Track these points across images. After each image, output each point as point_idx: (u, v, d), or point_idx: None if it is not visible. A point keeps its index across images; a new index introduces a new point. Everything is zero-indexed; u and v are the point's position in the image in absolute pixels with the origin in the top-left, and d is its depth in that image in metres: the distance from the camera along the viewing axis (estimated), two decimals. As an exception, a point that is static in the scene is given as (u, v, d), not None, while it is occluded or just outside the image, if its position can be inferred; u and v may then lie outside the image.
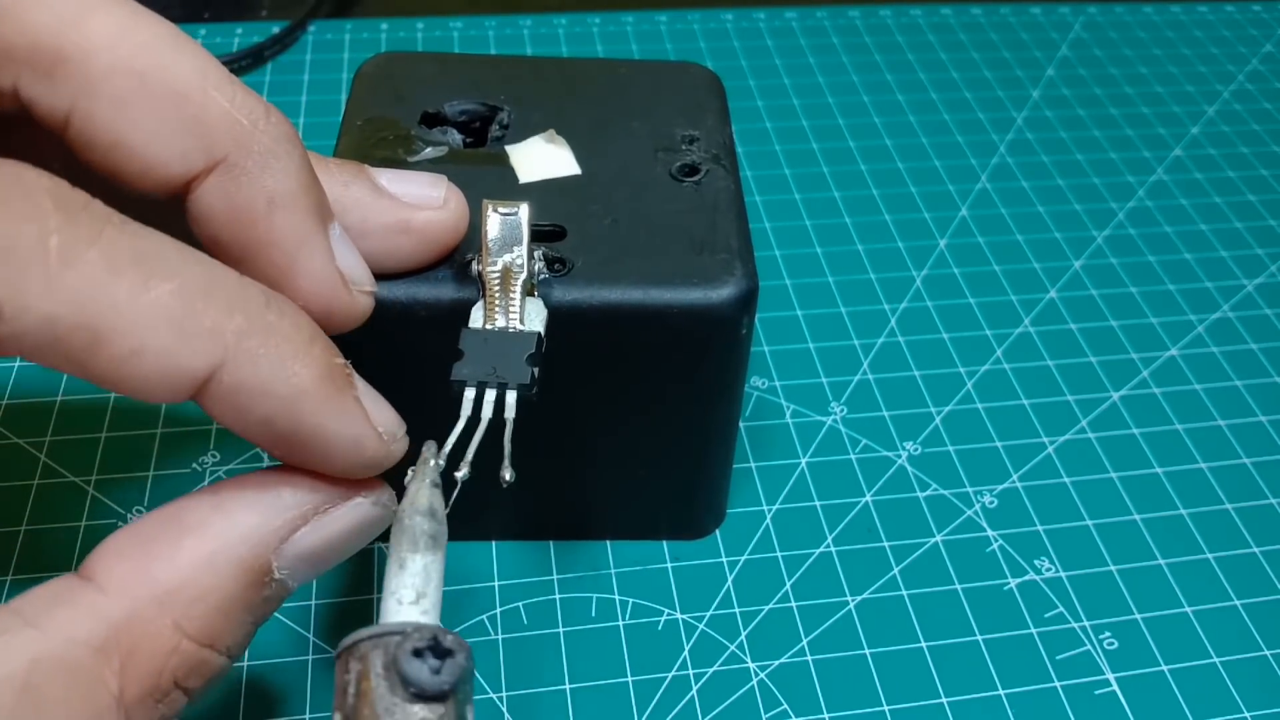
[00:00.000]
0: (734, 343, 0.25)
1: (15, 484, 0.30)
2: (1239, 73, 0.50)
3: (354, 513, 0.20)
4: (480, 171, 0.26)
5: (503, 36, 0.49)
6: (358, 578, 0.29)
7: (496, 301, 0.23)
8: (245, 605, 0.19)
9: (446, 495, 0.21)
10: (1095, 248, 0.40)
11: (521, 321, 0.23)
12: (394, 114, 0.28)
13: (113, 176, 0.19)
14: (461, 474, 0.21)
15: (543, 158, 0.27)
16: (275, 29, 0.48)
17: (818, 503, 0.31)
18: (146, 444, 0.31)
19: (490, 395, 0.22)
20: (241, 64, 0.45)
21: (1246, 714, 0.27)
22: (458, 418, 0.22)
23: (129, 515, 0.30)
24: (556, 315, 0.24)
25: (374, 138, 0.27)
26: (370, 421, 0.20)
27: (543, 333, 0.23)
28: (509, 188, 0.26)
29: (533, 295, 0.23)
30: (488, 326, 0.23)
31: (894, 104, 0.47)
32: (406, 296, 0.24)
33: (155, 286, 0.17)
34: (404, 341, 0.24)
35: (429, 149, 0.27)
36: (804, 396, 0.34)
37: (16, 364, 0.33)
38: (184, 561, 0.18)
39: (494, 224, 0.23)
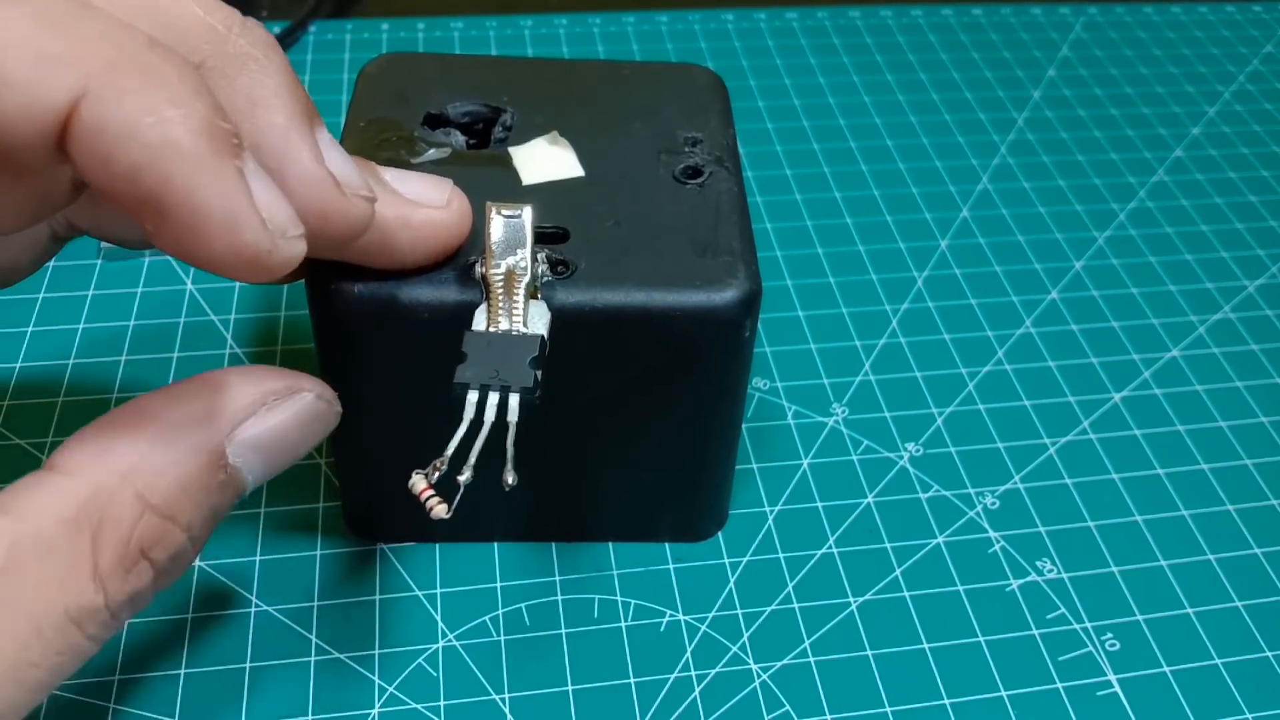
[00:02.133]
0: (737, 345, 0.25)
1: (17, 485, 0.30)
2: (1239, 73, 0.50)
3: (297, 403, 0.21)
4: (483, 173, 0.26)
5: (503, 37, 0.49)
6: (358, 579, 0.29)
7: (499, 304, 0.23)
8: (202, 485, 0.20)
9: (450, 498, 0.21)
10: (1096, 248, 0.40)
11: (525, 324, 0.23)
12: (397, 115, 0.28)
13: None
14: (464, 478, 0.21)
15: (546, 159, 0.27)
16: (276, 29, 0.47)
17: (819, 504, 0.31)
18: (148, 445, 0.31)
19: (493, 398, 0.22)
20: (242, 64, 0.45)
21: (1248, 715, 0.27)
22: (460, 420, 0.22)
23: (131, 516, 0.30)
24: (559, 318, 0.24)
25: (377, 139, 0.27)
26: (253, 202, 0.18)
27: (546, 336, 0.23)
28: (512, 189, 0.26)
29: (536, 298, 0.23)
30: (490, 329, 0.23)
31: (895, 104, 0.47)
32: (409, 299, 0.23)
33: (11, 8, 0.16)
34: (407, 344, 0.24)
35: (432, 150, 0.27)
36: (805, 397, 0.34)
37: (18, 365, 0.33)
38: (143, 441, 0.19)
39: (497, 226, 0.23)
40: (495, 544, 0.29)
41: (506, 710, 0.26)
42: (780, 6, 0.52)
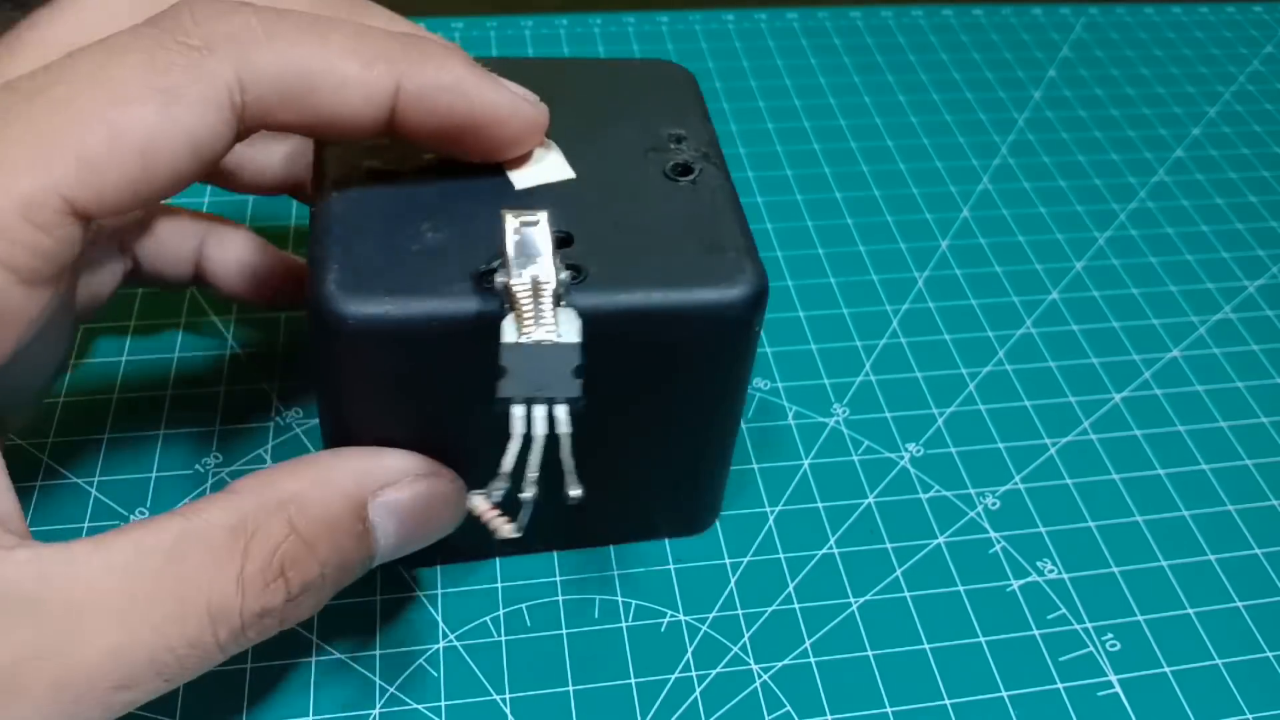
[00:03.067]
0: (746, 340, 0.25)
1: (18, 485, 0.30)
2: (1240, 73, 0.50)
3: (435, 484, 0.24)
4: (475, 181, 0.26)
5: (504, 37, 0.49)
6: (360, 581, 0.28)
7: (527, 313, 0.22)
8: (343, 528, 0.22)
9: (513, 514, 0.22)
10: (1097, 249, 0.40)
11: (559, 333, 0.22)
12: None
13: (335, 129, 0.23)
14: (528, 495, 0.22)
15: (536, 163, 0.26)
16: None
17: (820, 504, 0.31)
18: (149, 445, 0.31)
19: (539, 411, 0.22)
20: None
21: (1249, 715, 0.27)
22: (505, 435, 0.22)
23: (131, 516, 0.30)
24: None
25: (362, 146, 0.26)
26: (511, 88, 0.24)
27: (581, 342, 0.22)
28: (506, 195, 0.26)
29: (560, 304, 0.23)
30: (523, 340, 0.22)
31: (895, 105, 0.47)
32: (424, 313, 0.23)
33: (330, 35, 0.22)
34: (426, 361, 0.24)
35: (427, 155, 0.26)
36: (806, 398, 0.34)
37: (18, 365, 0.33)
38: (303, 479, 0.22)
39: (516, 234, 0.23)
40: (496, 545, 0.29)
41: (507, 711, 0.26)
42: (781, 7, 0.52)
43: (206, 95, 0.21)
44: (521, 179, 0.26)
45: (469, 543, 0.28)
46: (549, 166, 0.26)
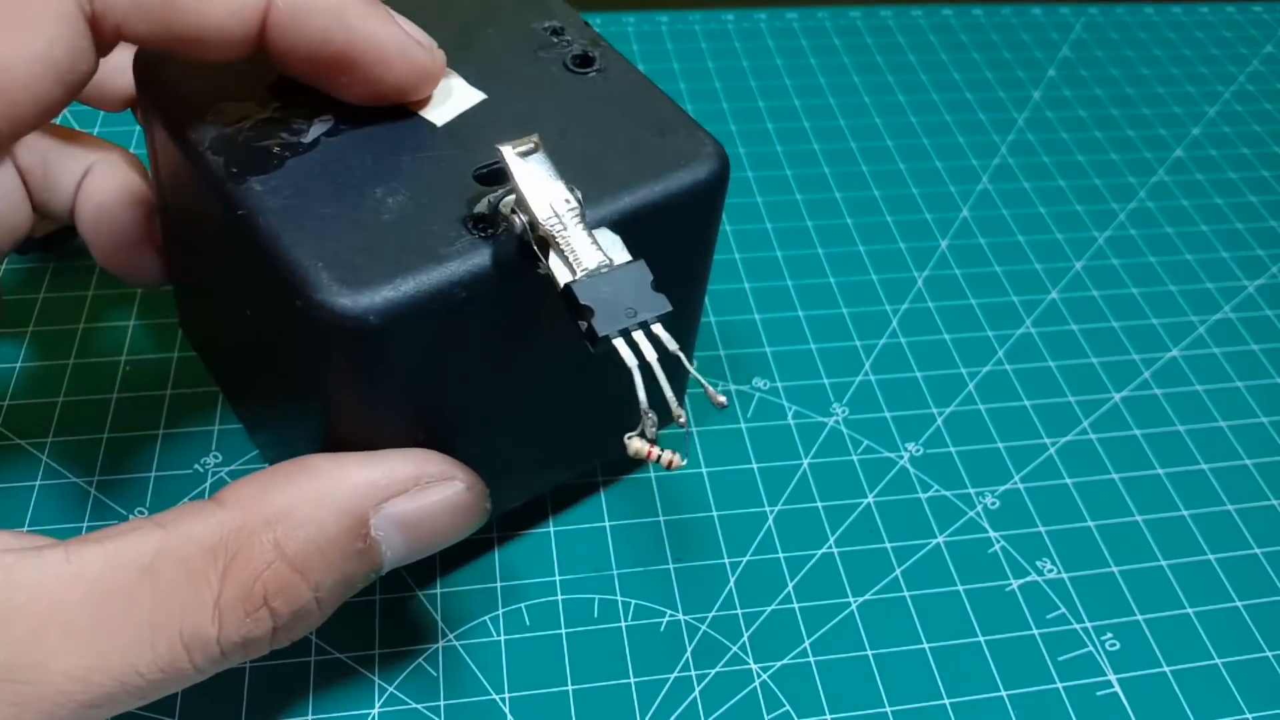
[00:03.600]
0: (719, 208, 0.25)
1: (18, 485, 0.30)
2: (1240, 73, 0.50)
3: (448, 490, 0.22)
4: (393, 133, 0.23)
5: (504, 37, 0.49)
6: (360, 579, 0.29)
7: (567, 245, 0.20)
8: (339, 548, 0.21)
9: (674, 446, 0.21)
10: (1096, 248, 0.40)
11: (607, 254, 0.21)
12: (237, 96, 0.24)
13: (199, 43, 0.21)
14: (682, 419, 0.21)
15: (445, 94, 0.24)
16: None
17: (819, 504, 0.31)
18: (148, 445, 0.31)
19: (640, 336, 0.20)
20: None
21: (1248, 715, 0.27)
22: (627, 370, 0.20)
23: (130, 517, 0.30)
24: None
25: (234, 128, 0.23)
26: (407, 31, 0.22)
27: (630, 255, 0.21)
28: (432, 135, 0.23)
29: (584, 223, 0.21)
30: (581, 275, 0.20)
31: (895, 105, 0.47)
32: (441, 282, 0.21)
33: None
34: (452, 336, 0.22)
35: (315, 125, 0.23)
36: (806, 397, 0.34)
37: (18, 365, 0.33)
38: (296, 492, 0.20)
39: (521, 166, 0.21)
40: (495, 544, 0.29)
41: (506, 710, 0.26)
42: (780, 7, 0.52)
43: (56, 10, 0.20)
44: (437, 114, 0.24)
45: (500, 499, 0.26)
46: (458, 94, 0.25)
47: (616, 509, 0.31)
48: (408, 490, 0.21)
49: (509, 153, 0.21)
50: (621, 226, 0.22)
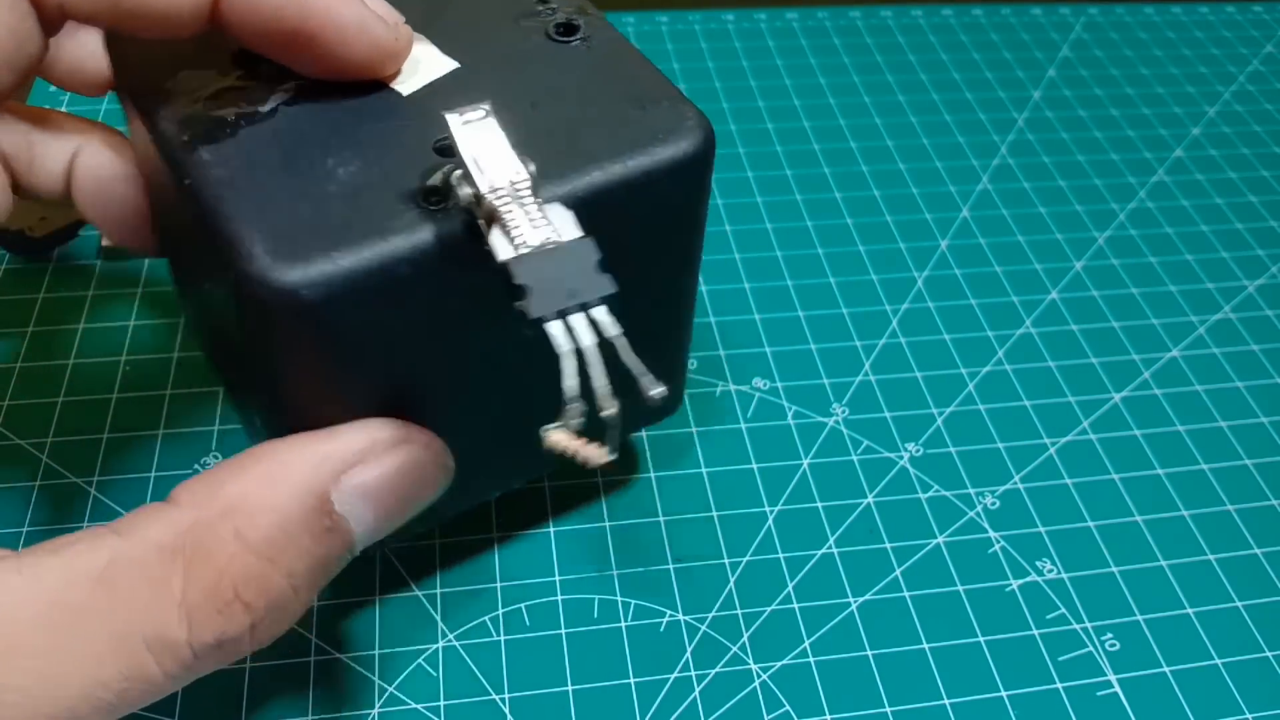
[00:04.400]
0: (707, 184, 0.24)
1: (17, 485, 0.30)
2: (1240, 73, 0.50)
3: (404, 453, 0.21)
4: (355, 103, 0.22)
5: (504, 37, 0.49)
6: (358, 578, 0.29)
7: (513, 220, 0.19)
8: (306, 529, 0.20)
9: (596, 436, 0.19)
10: (1096, 249, 0.40)
11: (556, 231, 0.19)
12: (198, 66, 0.23)
13: (148, 20, 0.21)
14: (610, 411, 0.19)
15: (414, 63, 0.23)
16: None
17: (819, 504, 0.31)
18: (148, 445, 0.31)
19: (578, 321, 0.19)
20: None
21: (1248, 715, 0.27)
22: (558, 357, 0.19)
23: (131, 516, 0.30)
24: None
25: (194, 98, 0.22)
26: (369, 6, 0.22)
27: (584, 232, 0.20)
28: (397, 106, 0.22)
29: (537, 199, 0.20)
30: (525, 251, 0.19)
31: (895, 105, 0.47)
32: (382, 257, 0.20)
33: None
34: (391, 314, 0.21)
35: (275, 95, 0.22)
36: (806, 397, 0.34)
37: (18, 365, 0.33)
38: (248, 479, 0.20)
39: (468, 135, 0.20)
40: (495, 544, 0.29)
41: (506, 710, 0.26)
42: (780, 7, 0.52)
43: None
44: (405, 85, 0.23)
45: (468, 493, 0.25)
46: (429, 63, 0.24)
47: (616, 509, 0.31)
48: (364, 460, 0.20)
49: (455, 121, 0.20)
50: (592, 204, 0.21)
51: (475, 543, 0.30)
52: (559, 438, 0.19)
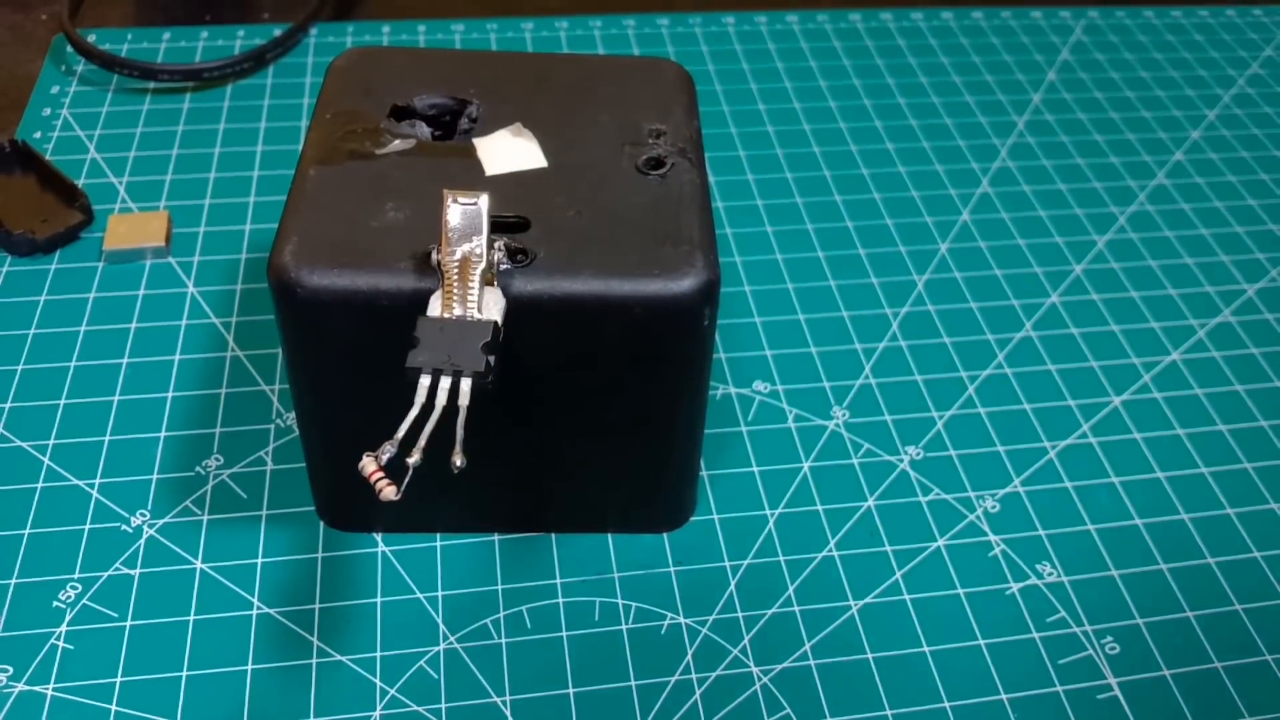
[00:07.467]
0: (696, 333, 0.25)
1: (19, 487, 0.30)
2: (1239, 76, 0.50)
3: None
4: (447, 163, 0.27)
5: (504, 39, 0.49)
6: (360, 581, 0.29)
7: (454, 291, 0.23)
8: None
9: (399, 480, 0.22)
10: (1096, 252, 0.40)
11: (480, 310, 0.23)
12: (364, 107, 0.28)
13: None
14: (414, 460, 0.22)
15: (509, 150, 0.27)
16: (277, 31, 0.48)
17: (820, 507, 0.31)
18: (150, 447, 0.31)
19: (445, 383, 0.22)
20: (243, 66, 0.45)
21: (1248, 719, 0.27)
22: (412, 404, 0.22)
23: (131, 518, 0.30)
24: (518, 305, 0.24)
25: (342, 130, 0.27)
26: None
27: (500, 322, 0.23)
28: (475, 179, 0.26)
29: (492, 285, 0.24)
30: (445, 315, 0.23)
31: (895, 108, 0.47)
32: (368, 287, 0.24)
33: None
34: (367, 332, 0.24)
35: (396, 141, 0.27)
36: (806, 400, 0.34)
37: (20, 367, 0.33)
38: None
39: (454, 214, 0.23)
40: (496, 544, 0.30)
41: (508, 713, 0.26)
42: (780, 9, 0.52)
43: None
44: (493, 165, 0.27)
45: (418, 514, 0.29)
46: (523, 154, 0.27)
47: (617, 512, 0.31)
48: None
49: (449, 198, 0.23)
50: (564, 308, 0.24)
51: (476, 545, 0.30)
52: (366, 463, 0.22)
